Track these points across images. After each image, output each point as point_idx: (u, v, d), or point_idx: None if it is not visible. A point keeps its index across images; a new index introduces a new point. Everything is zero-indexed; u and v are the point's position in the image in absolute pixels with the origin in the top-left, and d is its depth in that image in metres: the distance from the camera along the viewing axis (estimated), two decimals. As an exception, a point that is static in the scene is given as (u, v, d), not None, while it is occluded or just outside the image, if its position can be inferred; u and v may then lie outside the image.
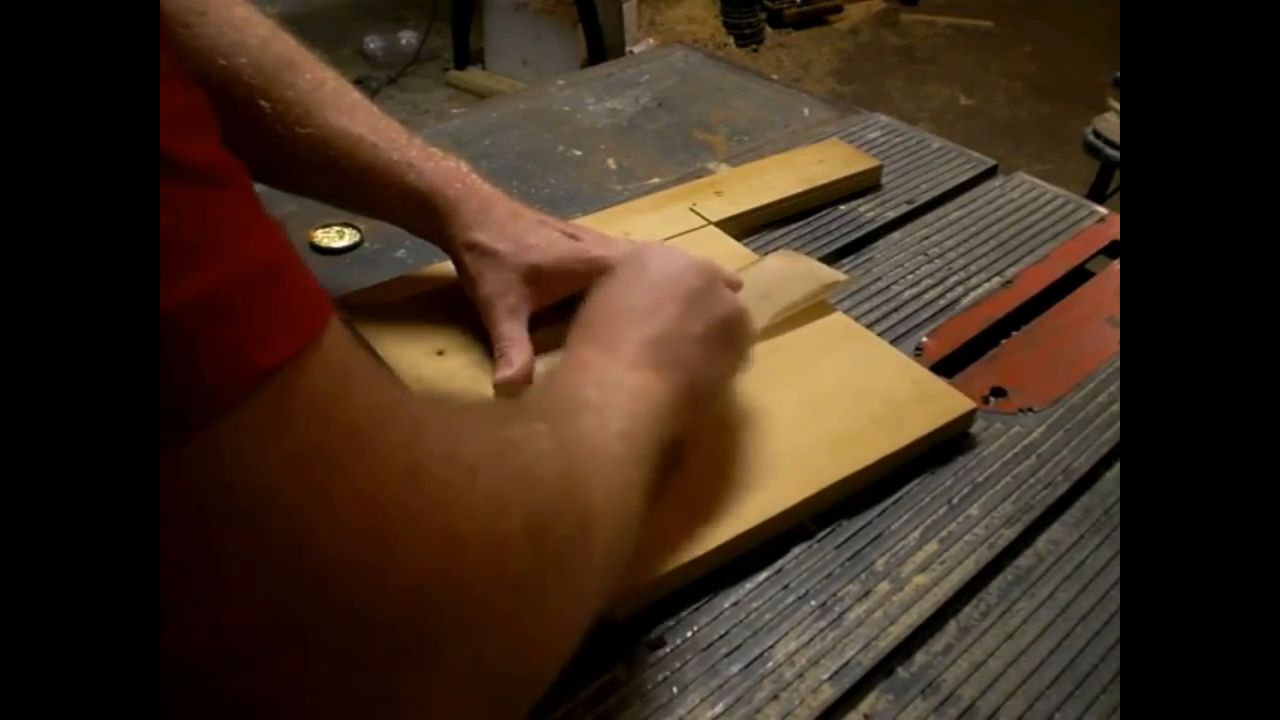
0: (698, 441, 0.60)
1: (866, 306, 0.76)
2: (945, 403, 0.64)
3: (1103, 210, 0.89)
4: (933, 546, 0.57)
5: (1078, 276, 0.82)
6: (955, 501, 0.60)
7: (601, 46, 2.59)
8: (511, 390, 0.61)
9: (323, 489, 0.27)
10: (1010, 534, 0.58)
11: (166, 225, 0.23)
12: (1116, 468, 0.64)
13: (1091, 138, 1.76)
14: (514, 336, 0.63)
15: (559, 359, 0.51)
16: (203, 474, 0.25)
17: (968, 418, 0.64)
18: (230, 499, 0.25)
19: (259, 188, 0.30)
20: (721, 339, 0.55)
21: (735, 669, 0.51)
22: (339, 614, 0.27)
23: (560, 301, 0.64)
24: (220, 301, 0.24)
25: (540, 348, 0.64)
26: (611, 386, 0.47)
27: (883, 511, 0.59)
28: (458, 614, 0.30)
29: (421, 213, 0.65)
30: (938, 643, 0.53)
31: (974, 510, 0.60)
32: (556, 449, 0.38)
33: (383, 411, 0.30)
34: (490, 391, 0.63)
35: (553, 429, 0.40)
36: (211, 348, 0.24)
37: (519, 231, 0.65)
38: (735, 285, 0.60)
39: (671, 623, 0.53)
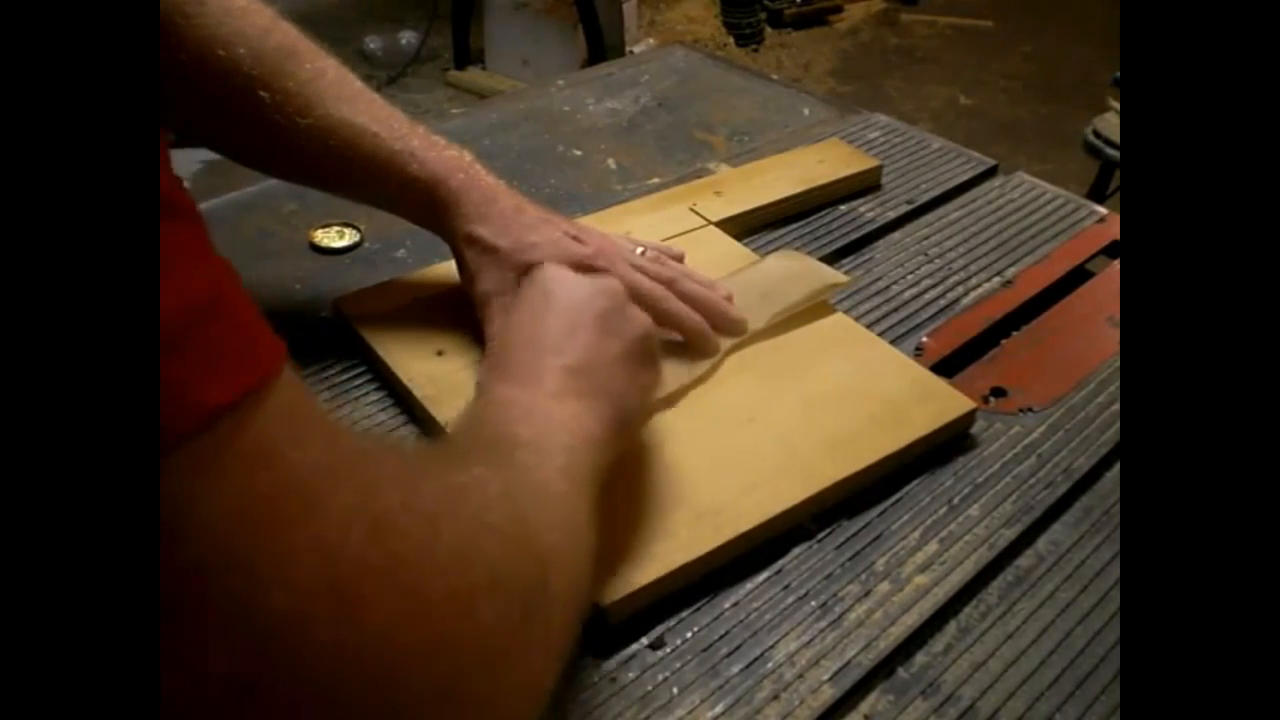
0: (697, 442, 0.60)
1: (866, 306, 0.76)
2: (945, 403, 0.64)
3: (1103, 210, 0.89)
4: (933, 546, 0.57)
5: (1078, 276, 0.82)
6: (955, 501, 0.60)
7: (601, 46, 2.59)
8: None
9: (278, 543, 0.25)
10: (1010, 534, 0.58)
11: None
12: (1116, 468, 0.64)
13: (1091, 138, 1.76)
14: None
15: (472, 400, 0.48)
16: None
17: (968, 418, 0.64)
18: (178, 548, 0.24)
19: (270, 181, 0.29)
20: (639, 358, 0.53)
21: (735, 669, 0.51)
22: (304, 678, 0.26)
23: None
24: (165, 336, 0.23)
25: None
26: (539, 421, 0.45)
27: (883, 511, 0.59)
28: (428, 677, 0.29)
29: (423, 203, 0.65)
30: (938, 643, 0.53)
31: (974, 510, 0.60)
32: (502, 493, 0.37)
33: (339, 461, 0.28)
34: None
35: (496, 472, 0.39)
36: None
37: (521, 228, 0.65)
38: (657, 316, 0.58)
39: (671, 623, 0.53)
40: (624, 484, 0.56)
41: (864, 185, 0.90)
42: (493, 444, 0.43)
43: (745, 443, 0.60)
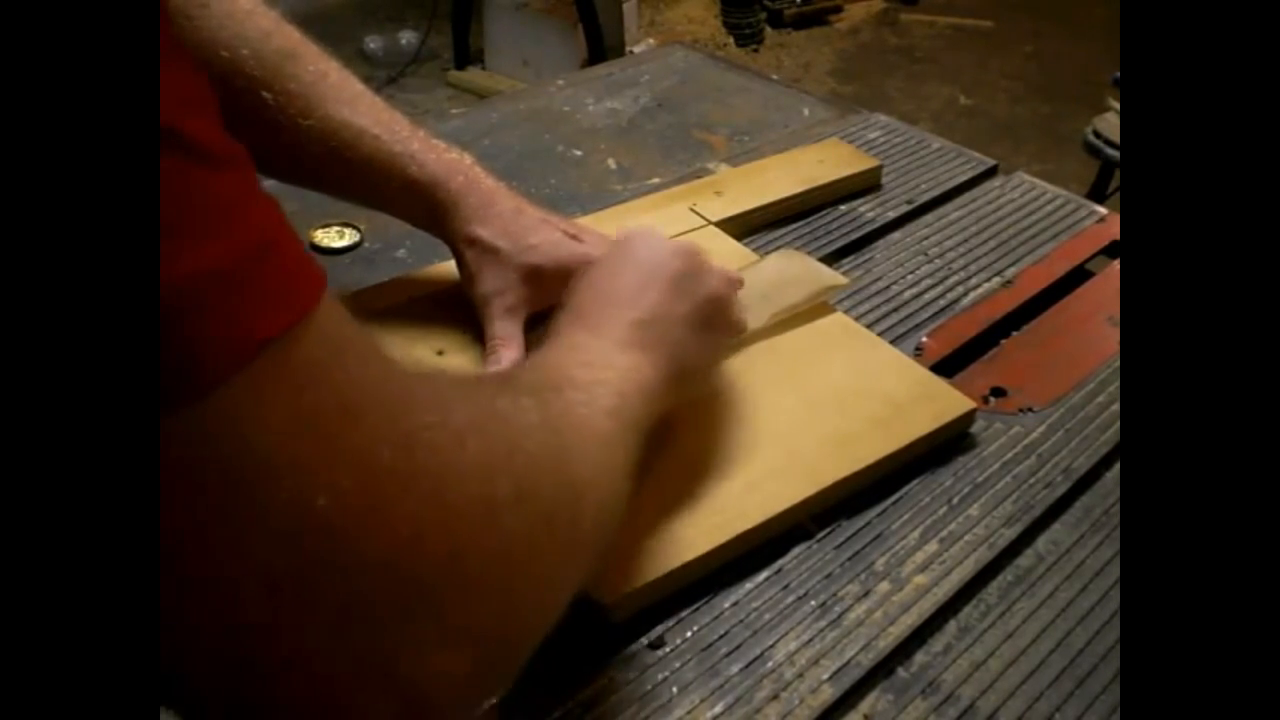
0: (698, 442, 0.60)
1: (866, 306, 0.76)
2: (945, 403, 0.64)
3: (1103, 210, 0.89)
4: (933, 546, 0.57)
5: (1078, 276, 0.82)
6: (955, 501, 0.60)
7: (601, 46, 2.59)
8: None
9: (318, 453, 0.28)
10: (1010, 534, 0.58)
11: (169, 201, 0.24)
12: (1116, 468, 0.64)
13: (1091, 138, 1.76)
14: (508, 336, 0.63)
15: (548, 340, 0.51)
16: (202, 442, 0.25)
17: (968, 418, 0.64)
18: (229, 465, 0.26)
19: (267, 182, 0.30)
20: (706, 320, 0.56)
21: (735, 669, 0.51)
22: (336, 571, 0.28)
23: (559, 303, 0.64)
24: (220, 278, 0.25)
25: (535, 348, 0.64)
26: (599, 366, 0.48)
27: (883, 511, 0.59)
28: (449, 571, 0.31)
29: (423, 205, 0.65)
30: (938, 643, 0.53)
31: (974, 510, 0.60)
32: (542, 423, 0.39)
33: (375, 381, 0.31)
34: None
35: (540, 405, 0.41)
36: (211, 322, 0.25)
37: (521, 229, 0.65)
38: (734, 282, 0.61)
39: (671, 623, 0.53)
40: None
41: (864, 185, 0.90)
42: (548, 379, 0.46)
43: (745, 443, 0.60)
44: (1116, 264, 0.82)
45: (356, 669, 0.30)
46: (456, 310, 0.68)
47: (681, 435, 0.60)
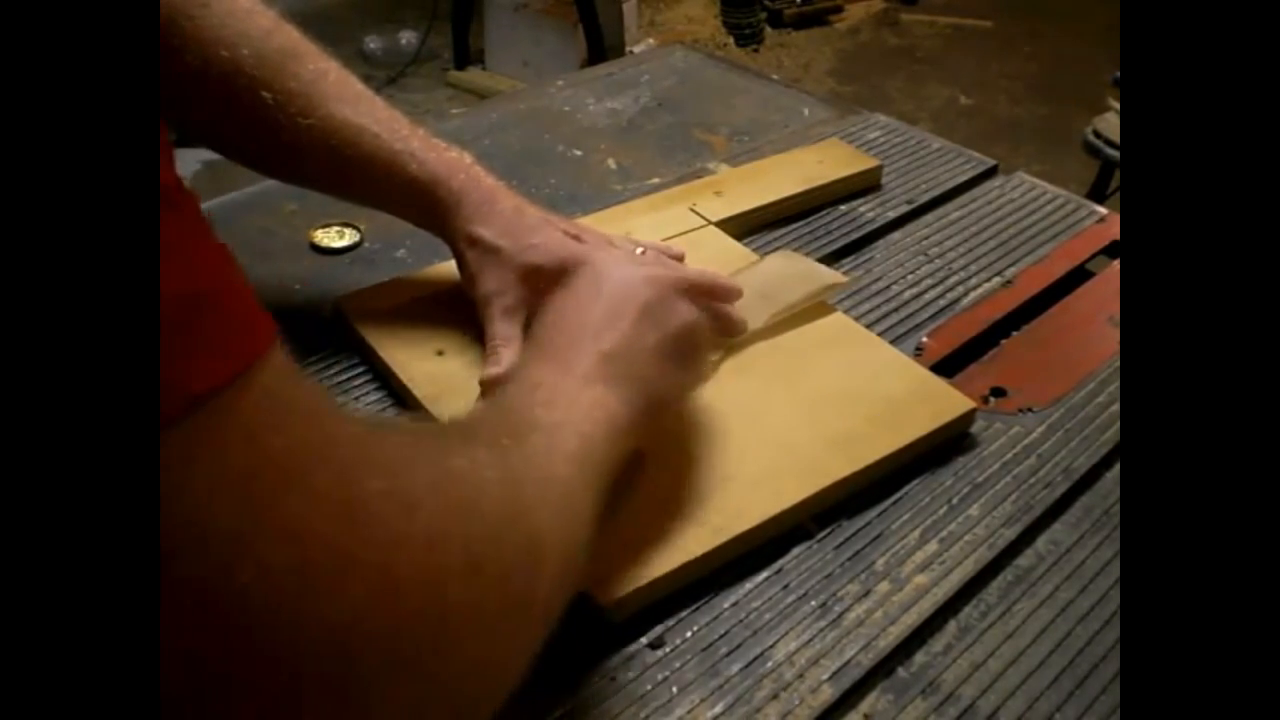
0: (698, 442, 0.60)
1: (866, 306, 0.76)
2: (945, 403, 0.64)
3: (1103, 210, 0.89)
4: (933, 546, 0.57)
5: (1078, 276, 0.82)
6: (955, 501, 0.60)
7: (601, 46, 2.59)
8: (498, 389, 0.61)
9: (249, 523, 0.26)
10: (1010, 534, 0.58)
11: None
12: (1116, 468, 0.64)
13: (1091, 138, 1.76)
14: (507, 336, 0.63)
15: (511, 376, 0.49)
16: None
17: (968, 418, 0.64)
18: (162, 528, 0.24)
19: (270, 181, 0.29)
20: (678, 351, 0.53)
21: (735, 669, 0.51)
22: (263, 656, 0.27)
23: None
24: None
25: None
26: (562, 405, 0.46)
27: (883, 511, 0.59)
28: (390, 654, 0.29)
29: (424, 204, 0.65)
30: (938, 643, 0.53)
31: (974, 510, 0.60)
32: (501, 478, 0.38)
33: (320, 444, 0.29)
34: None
35: (499, 456, 0.39)
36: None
37: (522, 229, 0.65)
38: (712, 290, 0.59)
39: (671, 623, 0.53)
40: (624, 484, 0.56)
41: (864, 185, 0.90)
42: (507, 425, 0.44)
43: (745, 443, 0.60)
44: (1116, 264, 0.82)
45: None
46: (456, 311, 0.68)
47: (681, 435, 0.60)
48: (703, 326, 0.56)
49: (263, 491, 0.26)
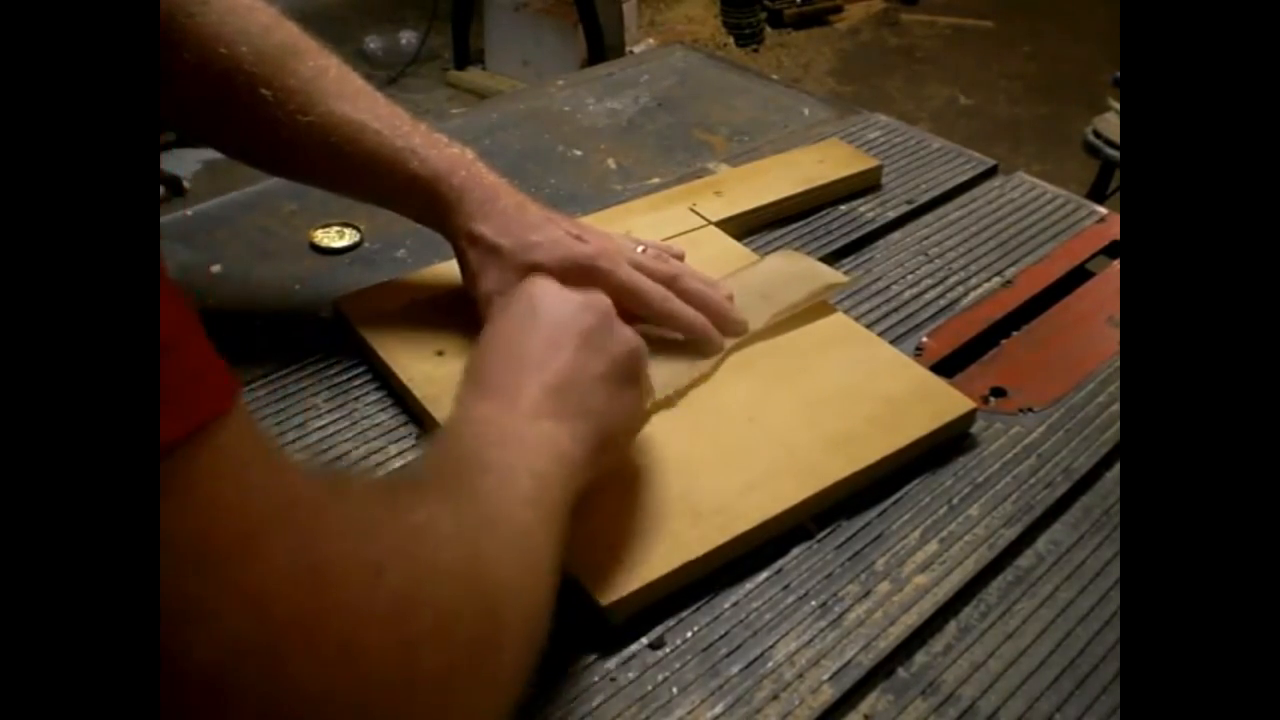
0: (697, 441, 0.60)
1: (866, 306, 0.76)
2: (945, 403, 0.64)
3: (1103, 210, 0.89)
4: (933, 546, 0.57)
5: (1078, 276, 0.82)
6: (955, 501, 0.60)
7: (601, 46, 2.59)
8: None
9: (210, 592, 0.25)
10: (1010, 534, 0.58)
11: None
12: (1116, 468, 0.64)
13: (1091, 138, 1.76)
14: None
15: (452, 414, 0.47)
16: None
17: (968, 418, 0.64)
18: None
19: (270, 181, 0.29)
20: (624, 376, 0.52)
21: (735, 669, 0.51)
22: None
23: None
24: None
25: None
26: (512, 444, 0.44)
27: (883, 511, 0.59)
28: None
29: (424, 201, 0.65)
30: (938, 643, 0.53)
31: (974, 510, 0.60)
32: (458, 533, 0.37)
33: (280, 506, 0.28)
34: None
35: (454, 508, 0.38)
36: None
37: (523, 227, 0.64)
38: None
39: (671, 623, 0.53)
40: (625, 484, 0.56)
41: (864, 185, 0.90)
42: (458, 471, 0.42)
43: (745, 443, 0.60)
44: (1116, 264, 0.82)
45: None
46: (456, 311, 0.68)
47: (681, 436, 0.60)
48: (640, 350, 0.54)
49: (222, 556, 0.25)
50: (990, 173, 0.94)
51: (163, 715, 0.24)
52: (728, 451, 0.60)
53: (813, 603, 0.54)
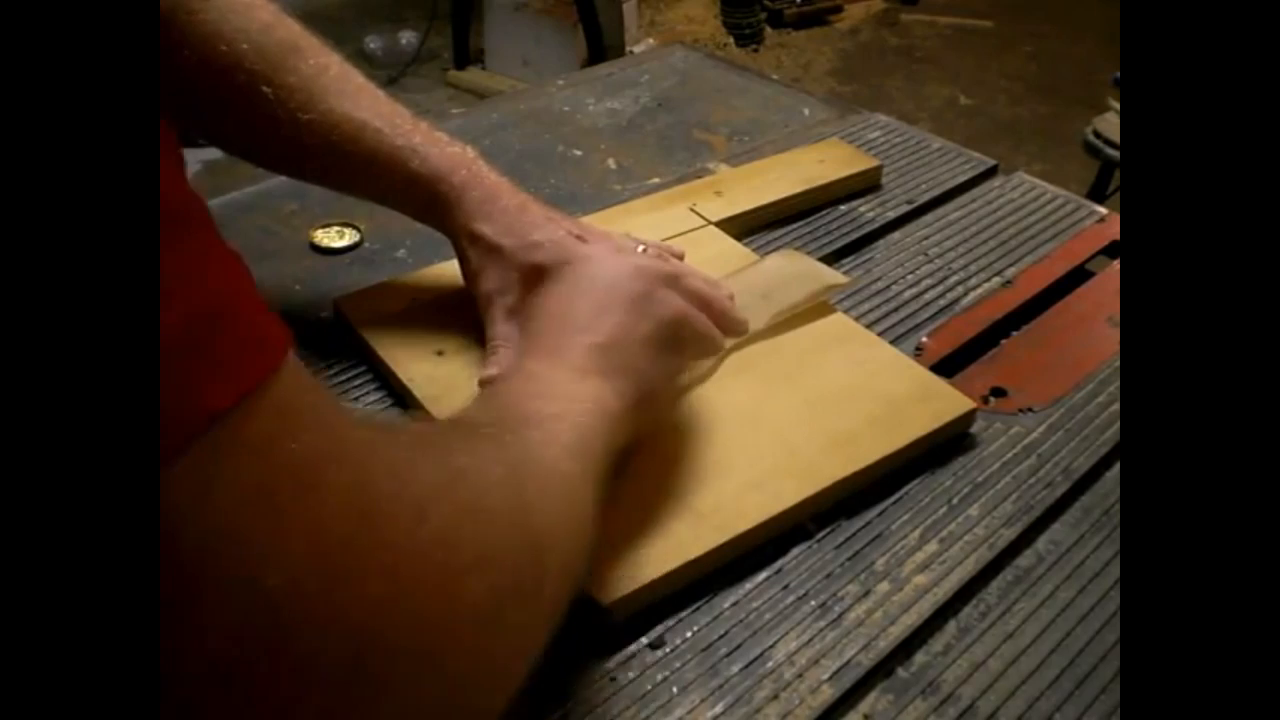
0: (697, 442, 0.60)
1: (866, 306, 0.76)
2: (945, 402, 0.64)
3: (1103, 210, 0.89)
4: (933, 546, 0.57)
5: (1078, 276, 0.82)
6: (955, 501, 0.60)
7: (601, 46, 2.59)
8: None
9: (271, 530, 0.27)
10: (1010, 534, 0.58)
11: None
12: (1116, 468, 0.64)
13: (1091, 138, 1.76)
14: (508, 336, 0.63)
15: (505, 370, 0.50)
16: (160, 516, 0.24)
17: (968, 418, 0.64)
18: (186, 540, 0.25)
19: (270, 181, 0.29)
20: (668, 341, 0.54)
21: (735, 669, 0.51)
22: (287, 656, 0.27)
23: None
24: (170, 347, 0.24)
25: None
26: (559, 397, 0.47)
27: (883, 511, 0.59)
28: (409, 649, 0.30)
29: (425, 199, 0.65)
30: (938, 643, 0.53)
31: (974, 510, 0.60)
32: (505, 475, 0.38)
33: (333, 451, 0.29)
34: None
35: (499, 451, 0.40)
36: (165, 394, 0.24)
37: (525, 227, 0.64)
38: (704, 297, 0.59)
39: (671, 623, 0.53)
40: (625, 484, 0.56)
41: (864, 185, 0.90)
42: (506, 420, 0.44)
43: (745, 443, 0.60)
44: (1116, 264, 0.82)
45: None
46: (456, 311, 0.68)
47: (681, 435, 0.60)
48: (692, 317, 0.57)
49: (282, 498, 0.27)
50: (990, 173, 0.94)
51: (231, 645, 0.26)
52: (728, 451, 0.60)
53: (812, 603, 0.54)
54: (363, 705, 0.29)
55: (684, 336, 0.56)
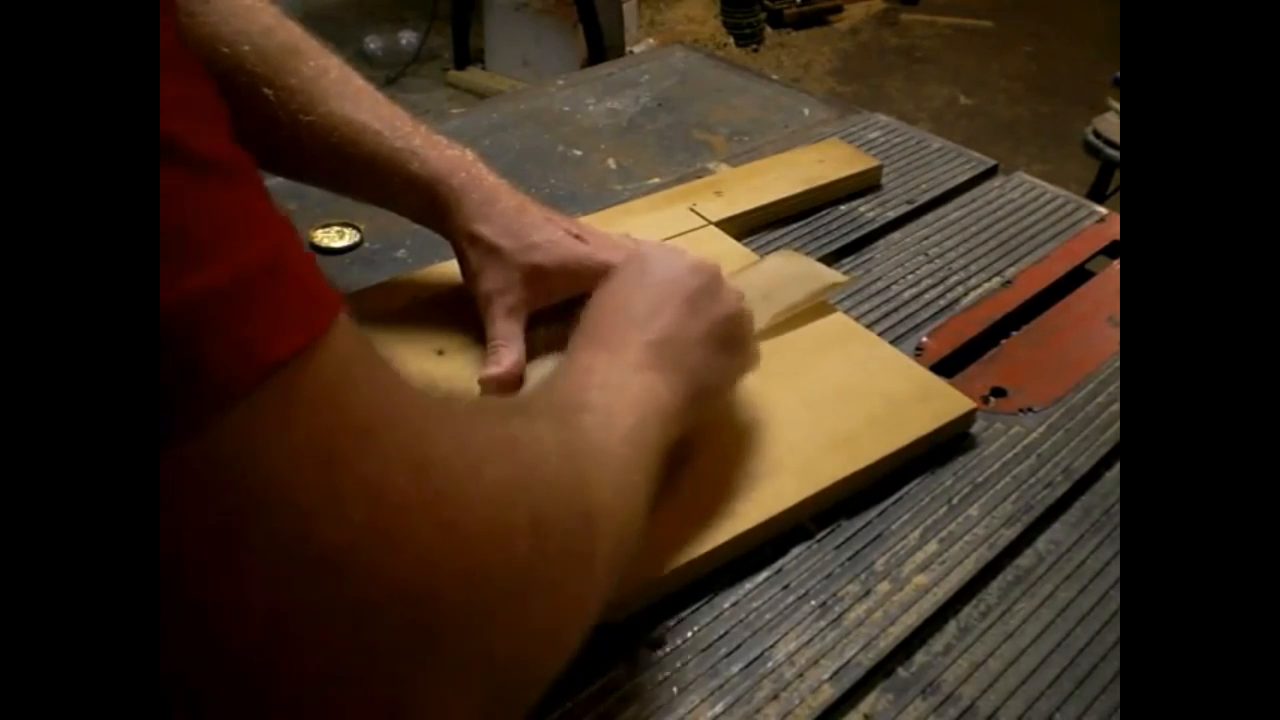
0: (697, 442, 0.60)
1: (866, 306, 0.76)
2: (945, 402, 0.64)
3: (1103, 210, 0.89)
4: (933, 546, 0.57)
5: (1078, 276, 0.82)
6: (955, 501, 0.60)
7: (601, 46, 2.59)
8: (496, 389, 0.61)
9: (329, 481, 0.27)
10: (1010, 534, 0.58)
11: (174, 218, 0.23)
12: (1116, 468, 0.64)
13: (1091, 138, 1.76)
14: (508, 336, 0.63)
15: (561, 361, 0.50)
16: (211, 468, 0.24)
17: (968, 418, 0.64)
18: (238, 493, 0.25)
19: (270, 181, 0.29)
20: (724, 339, 0.55)
21: (735, 669, 0.51)
22: (344, 606, 0.27)
23: (561, 303, 0.64)
24: (227, 297, 0.24)
25: (537, 348, 0.64)
26: (615, 388, 0.47)
27: (883, 511, 0.59)
28: (463, 605, 0.30)
29: (425, 201, 0.65)
30: (938, 643, 0.53)
31: (974, 510, 0.60)
32: (559, 449, 0.38)
33: (390, 406, 0.30)
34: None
35: (556, 430, 0.40)
36: (219, 343, 0.24)
37: (524, 228, 0.65)
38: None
39: (671, 623, 0.53)
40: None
41: (864, 185, 0.90)
42: (564, 404, 0.45)
43: (745, 442, 0.60)
44: (1116, 264, 0.82)
45: (365, 709, 0.28)
46: (456, 310, 0.68)
47: (680, 436, 0.60)
48: (748, 315, 0.58)
49: (342, 450, 0.27)
50: (990, 173, 0.94)
51: (281, 600, 0.26)
52: (727, 451, 0.60)
53: (812, 602, 0.54)
54: (413, 663, 0.29)
55: (739, 335, 0.57)
